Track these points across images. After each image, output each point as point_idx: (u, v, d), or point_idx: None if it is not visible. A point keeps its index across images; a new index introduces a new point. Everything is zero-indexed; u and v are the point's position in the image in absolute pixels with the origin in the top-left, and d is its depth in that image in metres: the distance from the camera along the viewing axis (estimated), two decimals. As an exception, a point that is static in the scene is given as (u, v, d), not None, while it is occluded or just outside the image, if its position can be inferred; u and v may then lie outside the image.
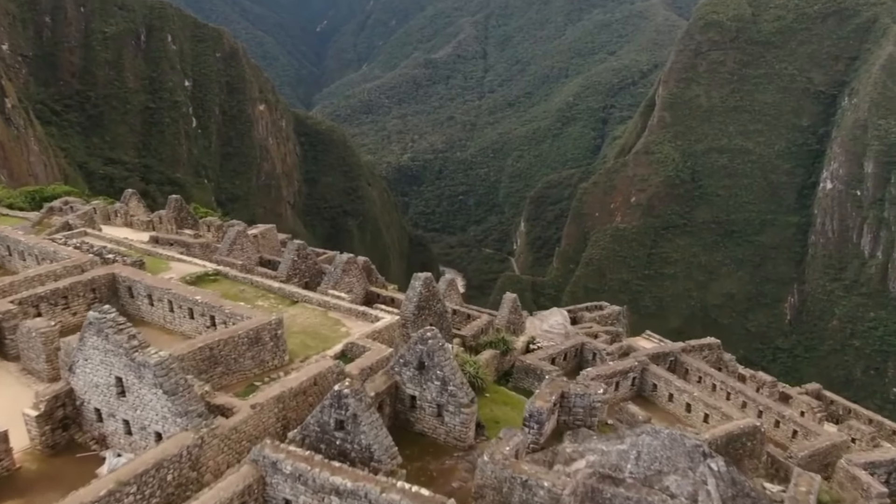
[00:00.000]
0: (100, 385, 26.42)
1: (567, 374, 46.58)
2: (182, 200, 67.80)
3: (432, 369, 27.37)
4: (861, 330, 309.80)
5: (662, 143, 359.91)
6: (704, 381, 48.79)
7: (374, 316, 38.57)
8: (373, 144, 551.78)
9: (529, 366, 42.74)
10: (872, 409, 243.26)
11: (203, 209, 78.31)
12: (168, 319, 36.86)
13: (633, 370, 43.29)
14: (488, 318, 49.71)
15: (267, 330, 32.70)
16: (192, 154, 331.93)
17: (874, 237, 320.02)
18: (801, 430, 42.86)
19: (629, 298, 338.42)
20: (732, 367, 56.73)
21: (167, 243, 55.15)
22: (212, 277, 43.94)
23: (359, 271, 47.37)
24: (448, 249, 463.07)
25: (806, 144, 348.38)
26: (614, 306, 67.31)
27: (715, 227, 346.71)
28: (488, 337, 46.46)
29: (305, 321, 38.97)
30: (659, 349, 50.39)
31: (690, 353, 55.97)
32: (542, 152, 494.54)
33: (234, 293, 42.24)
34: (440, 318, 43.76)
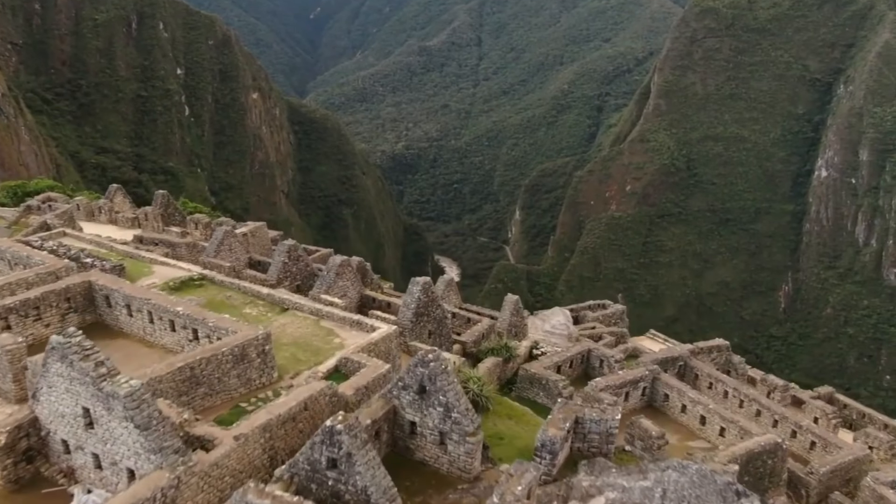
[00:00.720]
0: (66, 415, 23.71)
1: (573, 382, 44.08)
2: (169, 196, 64.81)
3: (434, 394, 24.74)
4: (855, 318, 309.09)
5: (658, 131, 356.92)
6: (716, 387, 46.35)
7: (370, 326, 35.86)
8: (367, 133, 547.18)
9: (534, 375, 40.18)
10: (865, 396, 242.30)
11: (192, 204, 75.35)
12: (148, 331, 34.11)
13: (643, 379, 40.78)
14: (489, 321, 47.15)
15: (254, 346, 29.99)
16: (185, 143, 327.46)
17: (868, 225, 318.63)
18: (819, 442, 40.44)
19: (624, 287, 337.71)
20: (742, 369, 54.33)
21: (152, 243, 52.28)
22: (197, 282, 41.13)
23: (353, 274, 44.65)
24: (443, 238, 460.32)
25: (801, 132, 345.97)
26: (617, 305, 64.85)
27: (710, 215, 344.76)
28: (490, 343, 43.90)
29: (296, 331, 36.25)
30: (667, 354, 47.88)
31: (699, 355, 53.56)
32: (537, 140, 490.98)
33: (221, 300, 39.47)
34: (439, 325, 41.24)
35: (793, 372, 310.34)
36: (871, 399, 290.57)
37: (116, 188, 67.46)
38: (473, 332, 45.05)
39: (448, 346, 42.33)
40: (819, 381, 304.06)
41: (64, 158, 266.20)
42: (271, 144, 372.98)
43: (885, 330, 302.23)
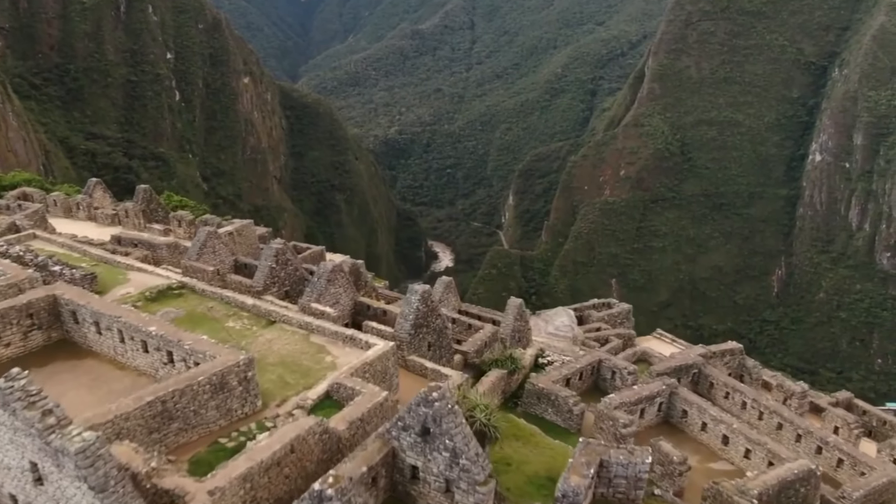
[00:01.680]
0: (12, 468, 20.28)
1: (583, 394, 40.86)
2: (151, 191, 60.97)
3: (440, 437, 21.39)
4: (847, 302, 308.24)
5: (652, 115, 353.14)
6: (732, 397, 43.26)
7: (365, 342, 32.45)
8: (360, 117, 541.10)
9: (542, 390, 36.91)
10: (857, 380, 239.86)
11: (177, 198, 71.54)
12: (119, 351, 30.59)
13: (660, 394, 37.58)
14: (491, 328, 43.79)
15: (235, 372, 26.54)
16: (175, 128, 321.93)
17: (862, 209, 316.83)
18: (847, 460, 37.40)
19: (618, 272, 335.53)
20: (756, 374, 51.25)
21: (131, 244, 48.63)
22: (176, 291, 37.57)
23: (346, 280, 41.16)
24: (436, 223, 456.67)
25: (796, 116, 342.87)
26: (623, 304, 61.66)
27: (704, 199, 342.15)
28: (493, 354, 40.56)
29: (284, 348, 32.80)
30: (681, 361, 44.68)
31: (711, 359, 50.41)
32: (531, 125, 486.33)
33: (202, 312, 35.95)
34: (439, 335, 37.92)
35: (785, 356, 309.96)
36: (863, 383, 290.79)
37: (95, 182, 63.59)
38: (475, 341, 41.72)
39: (448, 357, 39.02)
40: (811, 365, 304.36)
41: (53, 145, 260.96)
42: (263, 129, 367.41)
43: (878, 314, 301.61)
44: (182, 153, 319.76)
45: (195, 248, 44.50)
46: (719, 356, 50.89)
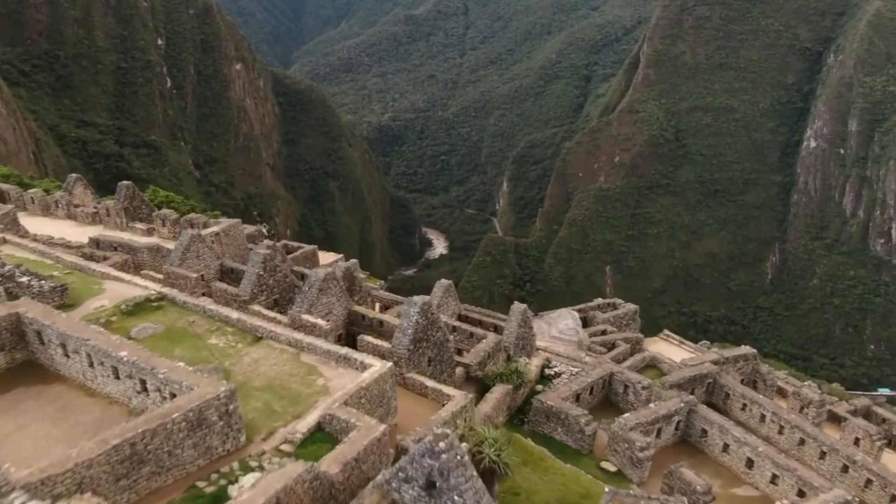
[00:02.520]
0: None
1: (594, 410, 38.06)
2: (134, 188, 57.55)
3: (447, 492, 18.48)
4: (841, 288, 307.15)
5: (647, 101, 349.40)
6: (750, 409, 40.52)
7: (360, 362, 29.47)
8: (353, 104, 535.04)
9: (551, 408, 34.09)
10: (850, 366, 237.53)
11: (163, 193, 68.07)
12: (89, 376, 27.57)
13: (678, 412, 34.77)
14: (494, 337, 40.83)
15: (214, 406, 23.52)
16: (167, 115, 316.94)
17: (856, 196, 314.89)
18: (877, 481, 34.73)
19: (612, 259, 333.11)
20: (770, 380, 48.54)
21: (110, 247, 45.38)
22: (155, 304, 34.44)
23: (339, 289, 38.08)
24: (430, 210, 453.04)
25: (791, 102, 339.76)
26: (629, 305, 58.70)
27: (698, 186, 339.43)
28: (498, 367, 37.67)
29: (271, 370, 29.78)
30: (695, 371, 41.88)
31: (724, 365, 47.71)
32: (525, 111, 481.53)
33: (182, 327, 32.87)
34: (440, 349, 34.98)
35: (779, 342, 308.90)
36: (856, 368, 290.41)
37: (76, 178, 60.08)
38: (478, 352, 38.80)
39: (450, 371, 36.10)
40: (805, 351, 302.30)
41: (43, 132, 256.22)
42: (256, 116, 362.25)
43: (871, 300, 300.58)
44: (174, 141, 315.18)
45: (178, 253, 41.31)
46: (732, 362, 48.17)
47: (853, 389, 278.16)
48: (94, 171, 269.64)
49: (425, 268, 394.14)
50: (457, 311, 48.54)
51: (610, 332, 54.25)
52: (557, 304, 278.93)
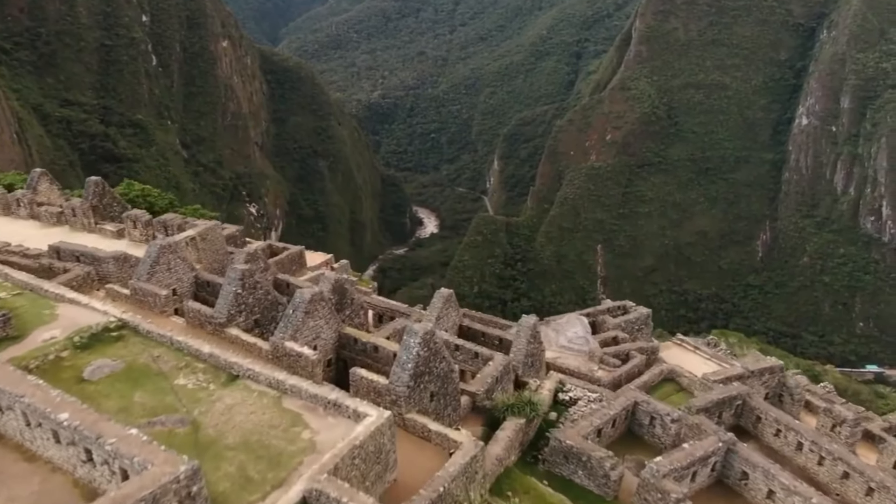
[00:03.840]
0: None
1: (616, 444, 33.62)
2: (104, 184, 52.16)
3: None
4: (831, 266, 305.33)
5: (639, 78, 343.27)
6: (785, 435, 36.22)
7: (353, 410, 24.76)
8: (342, 81, 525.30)
9: (571, 448, 29.61)
10: (839, 343, 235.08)
11: (139, 186, 62.65)
12: (27, 437, 22.74)
13: (715, 453, 30.34)
14: (502, 359, 36.16)
15: (173, 491, 18.74)
16: (153, 94, 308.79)
17: (847, 173, 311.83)
18: (935, 524, 30.57)
19: (603, 238, 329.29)
20: (798, 395, 44.29)
21: (72, 257, 40.25)
22: (114, 334, 29.53)
23: (327, 310, 33.25)
24: (421, 189, 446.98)
25: (783, 79, 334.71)
26: (640, 308, 54.10)
27: (690, 164, 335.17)
28: (508, 397, 33.08)
29: (248, 420, 25.00)
30: (724, 394, 37.48)
31: (748, 379, 43.37)
32: (515, 88, 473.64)
33: (145, 363, 27.99)
34: (444, 382, 30.40)
35: (769, 320, 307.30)
36: (844, 346, 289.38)
37: (40, 173, 54.52)
38: (485, 378, 34.18)
39: (455, 405, 31.50)
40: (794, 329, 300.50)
41: (26, 112, 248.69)
42: (243, 95, 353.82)
43: (860, 278, 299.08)
44: (160, 120, 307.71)
45: (145, 266, 36.25)
46: (757, 375, 43.82)
47: (842, 366, 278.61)
48: (79, 150, 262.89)
49: (416, 247, 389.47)
50: (457, 321, 43.84)
51: (622, 339, 49.78)
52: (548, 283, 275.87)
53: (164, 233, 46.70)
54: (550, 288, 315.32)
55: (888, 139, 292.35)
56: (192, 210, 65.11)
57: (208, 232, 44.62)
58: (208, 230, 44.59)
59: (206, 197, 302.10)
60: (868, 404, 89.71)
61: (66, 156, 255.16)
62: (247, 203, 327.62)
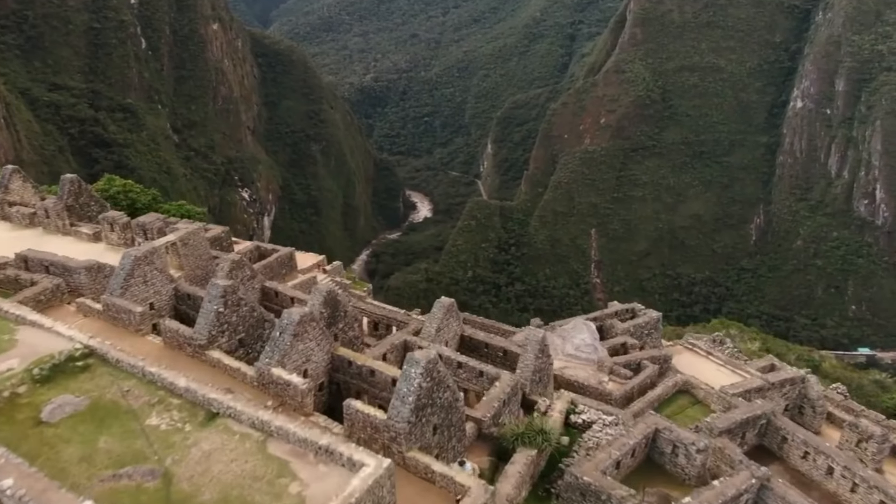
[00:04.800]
0: None
1: (631, 476, 30.63)
2: (80, 182, 48.56)
3: None
4: (824, 249, 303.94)
5: (633, 61, 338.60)
6: (814, 459, 33.33)
7: (348, 458, 21.61)
8: (334, 64, 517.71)
9: (589, 486, 26.62)
10: (831, 326, 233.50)
11: (120, 182, 58.90)
12: (-30, 499, 19.44)
13: (748, 490, 27.35)
14: (509, 379, 33.03)
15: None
16: (143, 78, 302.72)
17: (842, 157, 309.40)
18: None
19: (598, 222, 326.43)
20: (821, 407, 41.43)
21: (40, 267, 36.78)
22: (80, 364, 26.25)
23: (319, 331, 30.00)
24: (414, 173, 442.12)
25: (778, 62, 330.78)
26: (650, 312, 51.06)
27: (684, 147, 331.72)
28: (517, 427, 29.95)
29: (227, 470, 21.80)
30: (747, 413, 34.52)
31: (769, 391, 40.44)
32: (509, 71, 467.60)
33: (112, 400, 24.74)
34: (448, 412, 27.37)
35: (762, 303, 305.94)
36: (837, 329, 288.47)
37: (12, 171, 50.77)
38: (491, 402, 31.07)
39: (460, 434, 28.41)
40: (787, 312, 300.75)
41: (14, 96, 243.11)
42: (234, 78, 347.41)
43: (853, 261, 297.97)
44: (151, 104, 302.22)
45: (118, 279, 32.86)
46: (778, 387, 40.90)
47: (834, 349, 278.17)
48: (68, 136, 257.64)
49: (410, 231, 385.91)
50: (458, 332, 40.65)
51: (631, 345, 46.79)
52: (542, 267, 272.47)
53: (143, 236, 43.21)
54: (544, 272, 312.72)
55: (883, 122, 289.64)
56: (178, 206, 61.56)
57: (190, 237, 41.13)
58: (190, 235, 41.09)
59: (198, 182, 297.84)
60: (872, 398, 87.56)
61: (56, 141, 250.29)
62: (239, 188, 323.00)
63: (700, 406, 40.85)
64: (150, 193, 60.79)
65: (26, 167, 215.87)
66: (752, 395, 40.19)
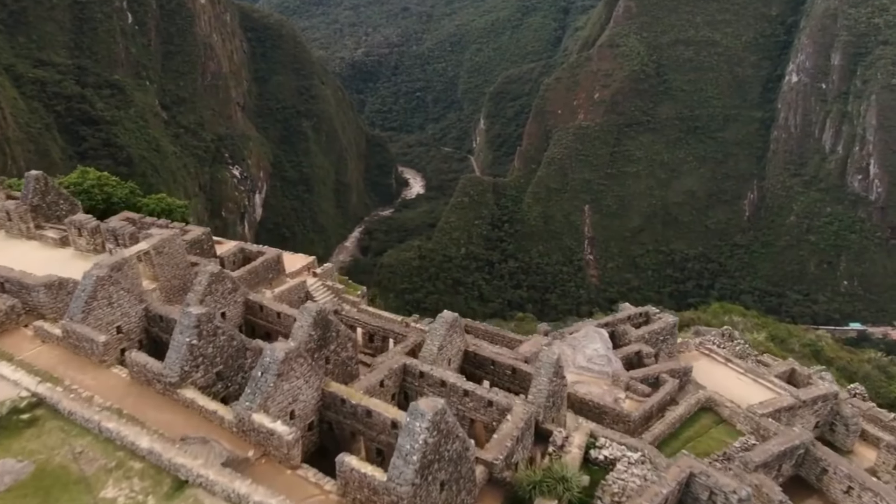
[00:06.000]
0: None
1: (663, 522, 26.90)
2: (47, 179, 44.02)
3: None
4: (817, 225, 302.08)
5: (628, 35, 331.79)
6: (859, 495, 29.76)
7: (341, 546, 17.81)
8: (324, 39, 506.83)
9: (619, 548, 22.78)
10: (823, 302, 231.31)
11: (95, 174, 54.21)
12: None
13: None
14: (522, 412, 29.09)
15: None
16: (130, 53, 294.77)
17: (836, 131, 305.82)
18: None
19: (591, 198, 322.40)
20: (854, 426, 37.89)
21: (-7, 284, 32.45)
22: (26, 417, 22.17)
23: (306, 366, 25.93)
24: (406, 149, 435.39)
25: (774, 35, 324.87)
26: (667, 316, 47.23)
27: (678, 123, 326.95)
28: (534, 474, 26.09)
29: (196, 562, 17.95)
30: (785, 445, 30.86)
31: (800, 409, 36.83)
32: (502, 45, 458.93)
33: (62, 464, 20.73)
34: (457, 464, 23.50)
35: (754, 279, 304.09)
36: (829, 304, 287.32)
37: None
38: (503, 441, 27.15)
39: (469, 486, 24.57)
40: (779, 288, 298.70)
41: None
42: (223, 54, 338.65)
43: (846, 237, 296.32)
44: (139, 80, 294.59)
45: (79, 302, 28.66)
46: (809, 405, 37.27)
47: (825, 325, 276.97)
48: (55, 113, 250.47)
49: (402, 208, 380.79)
50: (462, 347, 36.74)
51: (646, 353, 43.03)
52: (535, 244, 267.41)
53: (113, 242, 38.92)
54: (538, 249, 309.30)
55: (878, 97, 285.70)
56: (157, 199, 56.98)
57: (165, 244, 36.82)
58: (165, 242, 36.77)
59: (188, 159, 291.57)
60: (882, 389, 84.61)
61: (42, 118, 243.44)
62: (229, 165, 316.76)
63: (725, 426, 37.28)
64: (127, 186, 56.21)
65: (12, 145, 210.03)
66: (783, 414, 36.60)
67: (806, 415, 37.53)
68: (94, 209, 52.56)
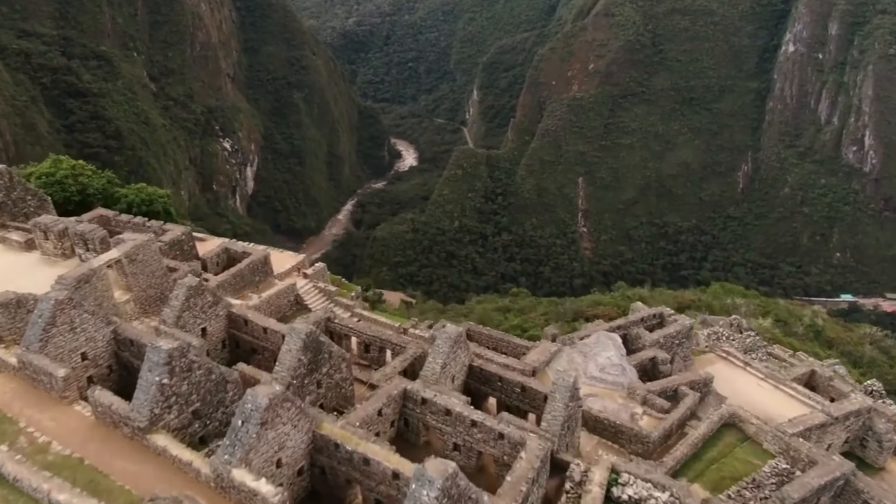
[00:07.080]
0: None
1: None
2: (11, 174, 39.97)
3: None
4: (811, 197, 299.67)
5: (623, 3, 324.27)
6: (906, 533, 26.78)
7: None
8: (315, 7, 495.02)
9: None
10: (816, 274, 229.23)
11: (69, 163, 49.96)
12: None
13: None
14: (537, 447, 25.83)
15: None
16: (116, 23, 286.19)
17: (832, 102, 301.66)
18: None
19: (585, 170, 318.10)
20: (889, 442, 34.96)
21: (-56, 302, 28.63)
22: (-38, 484, 18.69)
23: (294, 411, 22.46)
24: (399, 121, 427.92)
25: (771, 4, 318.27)
26: (682, 319, 43.89)
27: (674, 94, 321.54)
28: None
29: None
30: (827, 476, 27.83)
31: (832, 426, 33.80)
32: (495, 14, 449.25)
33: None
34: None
35: (747, 251, 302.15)
36: (821, 276, 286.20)
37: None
38: (517, 485, 23.95)
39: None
40: (772, 260, 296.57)
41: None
42: (212, 23, 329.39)
43: (839, 209, 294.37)
44: (126, 51, 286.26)
45: (36, 329, 25.00)
46: (841, 421, 34.21)
47: (817, 296, 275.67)
48: (41, 85, 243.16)
49: (395, 180, 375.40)
50: (467, 362, 33.42)
51: (661, 360, 39.85)
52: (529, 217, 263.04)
53: (83, 247, 35.12)
54: (531, 221, 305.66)
55: (875, 67, 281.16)
56: (136, 190, 52.92)
57: (139, 250, 33.06)
58: (138, 248, 32.99)
59: (178, 132, 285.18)
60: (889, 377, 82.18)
61: (28, 91, 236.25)
62: (220, 138, 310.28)
63: (750, 444, 34.23)
64: (104, 176, 52.10)
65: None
66: (813, 432, 33.60)
67: (837, 431, 34.58)
68: (68, 201, 48.63)
